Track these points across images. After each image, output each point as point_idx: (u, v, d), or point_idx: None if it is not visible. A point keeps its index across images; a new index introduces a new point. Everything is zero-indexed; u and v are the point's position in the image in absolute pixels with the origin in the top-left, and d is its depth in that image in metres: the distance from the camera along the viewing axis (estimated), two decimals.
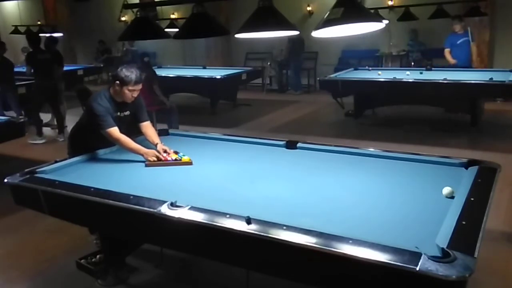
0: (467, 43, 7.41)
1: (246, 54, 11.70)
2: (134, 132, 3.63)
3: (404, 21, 8.15)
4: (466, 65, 7.37)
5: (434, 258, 1.63)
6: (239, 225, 1.97)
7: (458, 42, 7.45)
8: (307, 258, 1.83)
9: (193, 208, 2.16)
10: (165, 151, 3.17)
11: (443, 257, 1.65)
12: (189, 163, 3.07)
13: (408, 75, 7.07)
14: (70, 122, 4.09)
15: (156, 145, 3.27)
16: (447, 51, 7.57)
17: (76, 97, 6.18)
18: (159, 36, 3.29)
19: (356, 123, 7.54)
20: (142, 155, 3.11)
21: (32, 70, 7.01)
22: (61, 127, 7.25)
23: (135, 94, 3.23)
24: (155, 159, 3.08)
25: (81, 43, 13.96)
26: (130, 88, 3.16)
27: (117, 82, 3.17)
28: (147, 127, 3.44)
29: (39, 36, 7.63)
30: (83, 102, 5.44)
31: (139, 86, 3.21)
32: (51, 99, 7.15)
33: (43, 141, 7.10)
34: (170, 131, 4.00)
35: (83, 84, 9.88)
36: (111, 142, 3.26)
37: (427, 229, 1.96)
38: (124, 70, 3.17)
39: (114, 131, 3.16)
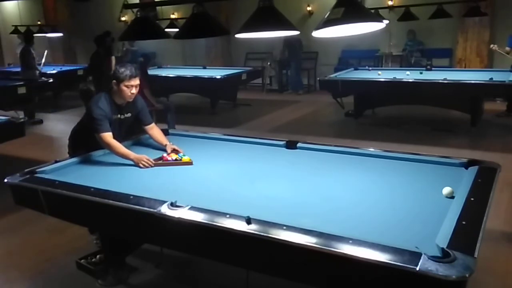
0: None
1: (246, 54, 11.69)
2: (135, 132, 3.63)
3: (404, 21, 8.14)
4: None
5: (434, 258, 1.63)
6: (239, 225, 1.97)
7: None
8: (307, 258, 1.83)
9: (193, 208, 2.16)
10: (174, 150, 3.18)
11: (443, 257, 1.65)
12: (189, 163, 3.07)
13: (408, 75, 7.07)
14: (71, 122, 4.09)
15: (165, 146, 3.28)
16: None
17: (79, 97, 6.19)
18: (159, 36, 3.28)
19: (356, 123, 7.54)
20: (132, 160, 3.05)
21: None
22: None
23: (134, 91, 3.22)
24: (146, 166, 3.00)
25: (81, 43, 13.94)
26: (126, 83, 3.16)
27: (114, 81, 3.19)
28: (153, 129, 3.44)
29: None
30: (85, 102, 5.45)
31: (136, 81, 3.20)
32: None
33: None
34: (170, 131, 4.00)
35: (86, 84, 9.86)
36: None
37: (427, 229, 1.96)
38: (118, 67, 3.21)
39: (107, 136, 3.14)
